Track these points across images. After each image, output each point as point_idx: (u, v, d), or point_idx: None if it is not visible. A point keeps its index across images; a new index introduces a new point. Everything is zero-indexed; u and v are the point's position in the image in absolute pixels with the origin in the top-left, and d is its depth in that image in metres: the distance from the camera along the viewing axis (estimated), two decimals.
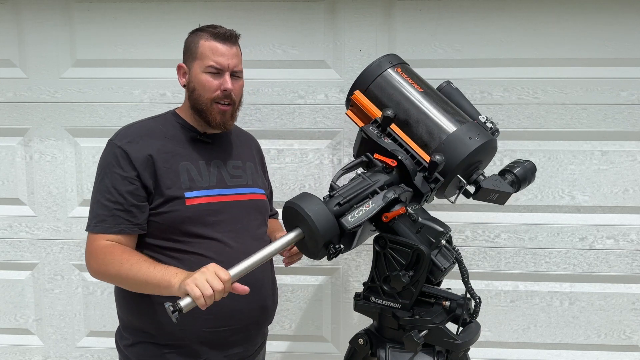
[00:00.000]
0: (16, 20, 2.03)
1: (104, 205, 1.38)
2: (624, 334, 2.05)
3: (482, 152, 1.41)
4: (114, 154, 1.40)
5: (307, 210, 1.18)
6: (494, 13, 1.95)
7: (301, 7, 1.98)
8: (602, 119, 1.96)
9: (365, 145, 1.41)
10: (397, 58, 1.54)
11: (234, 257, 1.43)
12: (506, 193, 1.41)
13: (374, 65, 1.49)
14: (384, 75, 1.48)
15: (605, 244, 2.01)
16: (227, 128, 1.52)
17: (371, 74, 1.49)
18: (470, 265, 1.37)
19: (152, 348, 1.43)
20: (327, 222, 1.19)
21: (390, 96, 1.46)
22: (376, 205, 1.25)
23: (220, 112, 1.47)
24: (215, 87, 1.45)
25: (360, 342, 1.38)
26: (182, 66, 1.52)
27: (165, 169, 1.41)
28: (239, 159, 1.60)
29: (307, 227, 1.19)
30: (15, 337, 2.20)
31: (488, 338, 1.91)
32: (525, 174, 1.46)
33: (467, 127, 1.40)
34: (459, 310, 1.30)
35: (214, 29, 1.47)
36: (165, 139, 1.46)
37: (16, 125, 2.08)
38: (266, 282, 1.55)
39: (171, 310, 1.10)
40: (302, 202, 1.21)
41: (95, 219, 1.39)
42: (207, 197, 1.44)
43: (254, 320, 1.51)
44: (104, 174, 1.40)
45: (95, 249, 1.38)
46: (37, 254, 2.14)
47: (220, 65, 1.45)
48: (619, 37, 1.93)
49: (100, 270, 1.38)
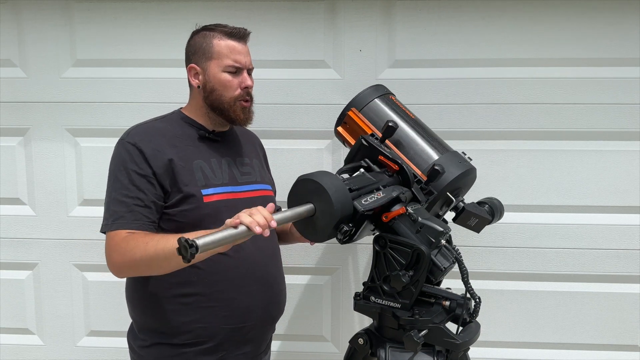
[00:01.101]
0: (16, 20, 2.03)
1: (121, 202, 1.36)
2: (624, 334, 2.05)
3: (464, 179, 1.50)
4: (127, 151, 1.38)
5: (327, 185, 1.15)
6: (494, 13, 1.95)
7: (301, 7, 1.98)
8: (602, 119, 1.96)
9: (361, 154, 1.44)
10: (384, 89, 1.65)
11: (249, 254, 1.45)
12: (485, 219, 1.51)
13: (363, 95, 1.60)
14: (375, 101, 1.58)
15: (605, 244, 2.01)
16: (250, 123, 1.54)
17: (363, 99, 1.59)
18: (470, 265, 1.38)
19: (168, 348, 1.43)
20: (345, 198, 1.16)
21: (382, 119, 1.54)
22: (387, 196, 1.26)
23: (243, 109, 1.49)
24: (236, 86, 1.47)
25: (360, 341, 1.38)
26: (194, 67, 1.48)
27: (180, 167, 1.40)
28: (247, 156, 1.61)
29: (324, 201, 1.15)
30: (15, 337, 2.20)
31: (488, 338, 1.91)
32: (498, 207, 1.60)
33: (451, 155, 1.51)
34: (459, 310, 1.30)
35: (225, 28, 1.48)
36: (176, 138, 1.46)
37: (16, 125, 2.08)
38: (279, 277, 1.57)
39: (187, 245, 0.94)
40: (320, 177, 1.18)
41: (113, 217, 1.36)
42: (222, 194, 1.45)
43: (270, 315, 1.53)
44: (119, 171, 1.38)
45: (116, 242, 1.33)
46: (37, 254, 2.14)
47: (240, 64, 1.47)
48: (619, 37, 1.93)
49: (125, 260, 1.32)
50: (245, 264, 1.45)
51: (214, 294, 1.42)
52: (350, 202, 1.18)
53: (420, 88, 1.98)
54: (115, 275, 1.39)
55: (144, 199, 1.36)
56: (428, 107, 1.97)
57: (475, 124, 1.98)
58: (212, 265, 1.40)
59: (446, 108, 1.98)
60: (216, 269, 1.41)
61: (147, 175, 1.37)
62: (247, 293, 1.24)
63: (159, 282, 1.41)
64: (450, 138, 1.98)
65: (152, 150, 1.39)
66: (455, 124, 1.98)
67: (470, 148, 1.99)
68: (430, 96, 1.98)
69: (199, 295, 1.41)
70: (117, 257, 1.34)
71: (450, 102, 1.98)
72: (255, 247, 1.46)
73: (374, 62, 1.98)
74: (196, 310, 1.41)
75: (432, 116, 1.98)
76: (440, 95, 1.98)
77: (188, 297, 1.40)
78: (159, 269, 1.32)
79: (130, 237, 1.32)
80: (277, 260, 1.59)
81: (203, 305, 1.41)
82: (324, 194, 1.14)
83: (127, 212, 1.35)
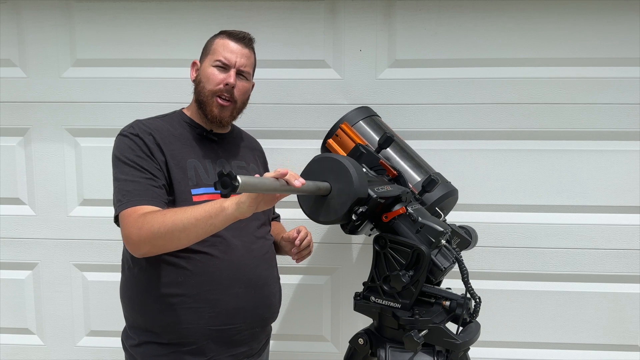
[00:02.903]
0: (16, 20, 2.03)
1: (135, 182, 1.33)
2: (624, 334, 2.05)
3: (449, 198, 1.59)
4: (132, 140, 1.39)
5: (348, 164, 1.16)
6: (494, 13, 1.95)
7: (301, 7, 1.98)
8: (602, 119, 1.96)
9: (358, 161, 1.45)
10: (369, 110, 1.76)
11: (239, 256, 1.45)
12: (466, 239, 1.56)
13: (352, 113, 1.70)
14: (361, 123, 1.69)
15: (605, 244, 2.01)
16: (223, 124, 1.55)
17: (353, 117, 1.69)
18: (470, 265, 1.38)
19: (157, 348, 1.43)
20: (363, 180, 1.17)
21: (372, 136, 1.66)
22: (395, 191, 1.28)
23: (218, 106, 1.49)
24: (219, 81, 1.48)
25: (360, 341, 1.38)
26: (196, 62, 1.57)
27: (173, 164, 1.42)
28: (243, 159, 1.62)
29: (344, 181, 1.15)
30: (15, 336, 2.20)
31: (488, 338, 1.91)
32: (473, 234, 1.67)
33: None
34: (459, 310, 1.30)
35: (231, 30, 1.54)
36: (173, 136, 1.47)
37: (16, 125, 2.08)
38: (270, 279, 1.56)
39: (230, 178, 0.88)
40: (341, 157, 1.19)
41: (127, 196, 1.32)
42: (212, 195, 1.45)
43: (259, 318, 1.51)
44: (126, 158, 1.37)
45: (133, 218, 1.29)
46: (37, 254, 2.14)
47: (227, 61, 1.49)
48: (619, 37, 1.93)
49: (142, 233, 1.27)
50: (232, 266, 1.44)
51: (200, 295, 1.41)
52: (366, 185, 1.19)
53: (420, 88, 1.98)
54: (133, 252, 1.34)
55: (157, 181, 1.36)
56: (428, 107, 1.98)
57: (475, 123, 1.98)
58: (199, 266, 1.40)
59: (446, 108, 1.98)
60: (203, 270, 1.41)
61: (155, 161, 1.38)
62: (233, 295, 1.23)
63: (148, 281, 1.42)
64: (450, 138, 2.00)
65: (153, 144, 1.41)
66: (455, 123, 1.98)
67: (471, 148, 2.01)
68: (430, 96, 1.98)
69: (185, 296, 1.41)
70: (135, 231, 1.29)
71: (450, 102, 1.98)
72: (245, 249, 1.46)
73: (374, 62, 1.98)
74: (182, 311, 1.41)
75: (432, 116, 1.98)
76: (440, 95, 1.98)
77: (174, 298, 1.40)
78: (179, 240, 1.27)
79: (147, 213, 1.29)
80: (269, 262, 1.58)
81: (188, 306, 1.41)
82: (345, 173, 1.15)
83: (143, 190, 1.33)
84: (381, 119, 1.78)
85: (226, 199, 1.16)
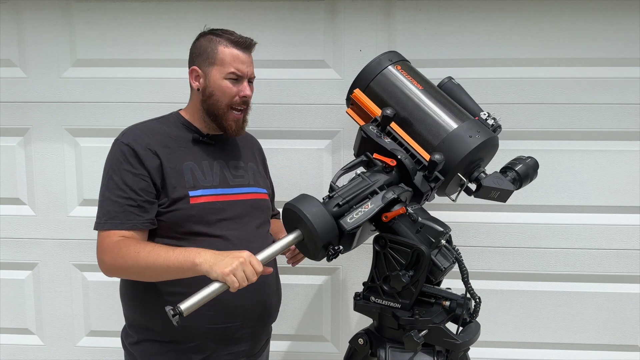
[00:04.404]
0: (16, 20, 2.03)
1: (114, 202, 1.38)
2: (624, 334, 2.05)
3: (483, 149, 1.40)
4: (121, 151, 1.40)
5: (305, 213, 1.19)
6: (494, 13, 1.95)
7: (301, 7, 1.98)
8: (602, 119, 1.96)
9: (365, 145, 1.41)
10: (397, 55, 1.53)
11: None
12: (508, 191, 1.39)
13: (374, 63, 1.49)
14: (383, 73, 1.47)
15: (605, 244, 2.01)
16: (241, 134, 1.56)
17: (371, 71, 1.47)
18: (470, 265, 1.37)
19: (156, 346, 1.44)
20: (325, 224, 1.19)
21: (390, 94, 1.45)
22: (375, 206, 1.25)
23: (235, 120, 1.50)
24: (234, 93, 1.48)
25: (360, 342, 1.38)
26: (196, 69, 1.49)
27: (170, 169, 1.42)
28: (241, 159, 1.62)
29: (306, 229, 1.20)
30: (15, 337, 2.20)
31: (488, 338, 1.91)
32: (527, 171, 1.43)
33: (467, 124, 1.39)
34: (459, 310, 1.30)
35: (232, 36, 1.49)
36: (170, 139, 1.47)
37: (16, 125, 2.08)
38: (269, 279, 1.55)
39: (172, 314, 1.10)
40: (301, 204, 1.21)
41: (106, 216, 1.38)
42: (210, 196, 1.45)
43: (258, 317, 1.51)
44: (113, 172, 1.40)
45: (108, 244, 1.36)
46: (37, 254, 2.14)
47: (242, 73, 1.48)
48: (619, 37, 1.93)
49: (115, 264, 1.35)
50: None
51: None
52: (333, 225, 1.21)
53: None
54: (105, 274, 1.41)
55: (137, 199, 1.38)
56: None
57: None
58: None
59: None
60: None
61: (141, 174, 1.39)
62: (233, 294, 1.23)
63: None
64: None
65: (145, 150, 1.40)
66: None
67: None
68: None
69: (184, 294, 1.40)
70: (108, 260, 1.36)
71: None
72: (244, 248, 1.45)
73: None
74: None
75: None
76: None
77: (174, 296, 1.40)
78: (151, 277, 1.36)
79: (123, 243, 1.34)
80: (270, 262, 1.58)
81: None
82: (303, 222, 1.19)
83: (120, 212, 1.37)
84: (399, 67, 1.48)
85: (198, 256, 1.23)
